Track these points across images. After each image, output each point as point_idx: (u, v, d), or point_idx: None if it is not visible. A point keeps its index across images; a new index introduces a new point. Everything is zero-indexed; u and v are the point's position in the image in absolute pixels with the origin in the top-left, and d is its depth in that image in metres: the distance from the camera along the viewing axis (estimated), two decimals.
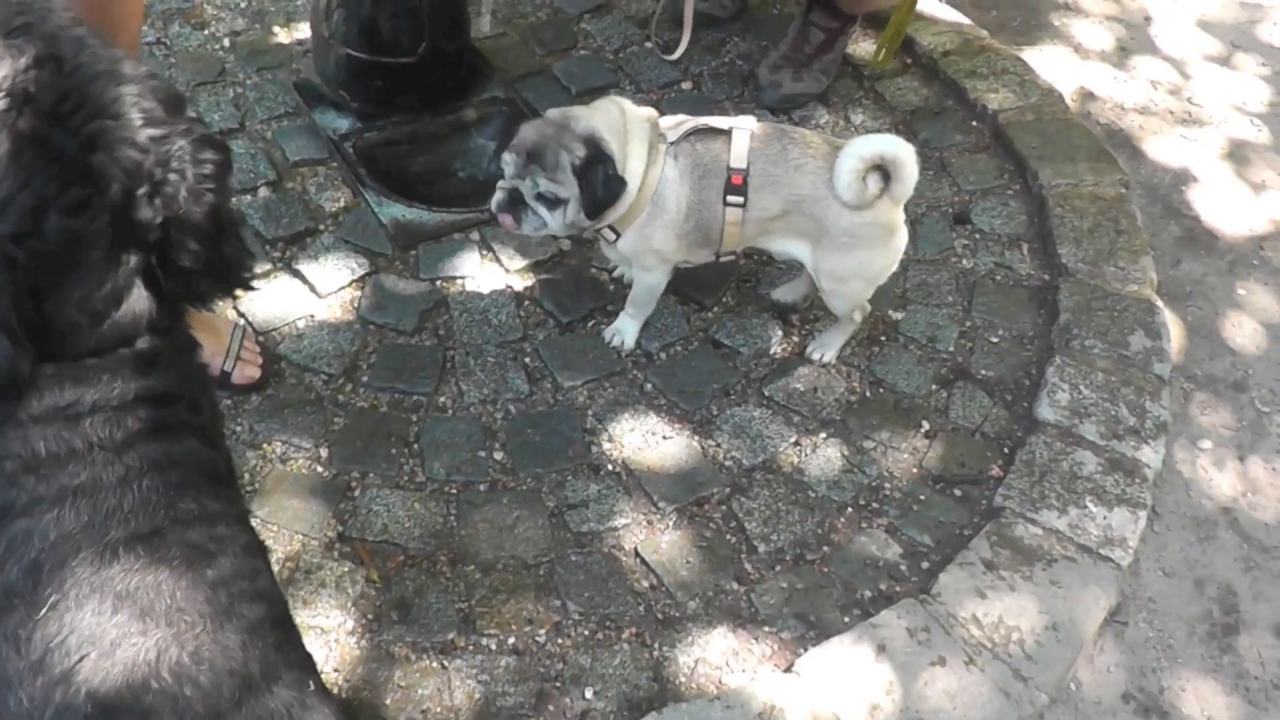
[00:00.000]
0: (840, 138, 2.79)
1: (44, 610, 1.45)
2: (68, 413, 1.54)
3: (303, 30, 3.72)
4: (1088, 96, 4.07)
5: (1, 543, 1.48)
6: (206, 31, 3.71)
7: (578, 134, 2.59)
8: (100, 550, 1.49)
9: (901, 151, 2.60)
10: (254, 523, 2.46)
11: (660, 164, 2.68)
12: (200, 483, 1.64)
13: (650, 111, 2.76)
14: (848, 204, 2.64)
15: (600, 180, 2.59)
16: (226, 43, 3.69)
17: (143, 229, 1.55)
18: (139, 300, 1.61)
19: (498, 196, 2.69)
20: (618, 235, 2.77)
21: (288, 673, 1.57)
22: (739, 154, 2.69)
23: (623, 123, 2.67)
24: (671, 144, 2.70)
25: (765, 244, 2.85)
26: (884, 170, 2.62)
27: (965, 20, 4.11)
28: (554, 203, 2.62)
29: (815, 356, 3.01)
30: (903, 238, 2.79)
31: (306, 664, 1.68)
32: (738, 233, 2.76)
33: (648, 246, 2.78)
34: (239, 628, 1.53)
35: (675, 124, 2.74)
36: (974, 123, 3.77)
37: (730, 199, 2.69)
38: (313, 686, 1.61)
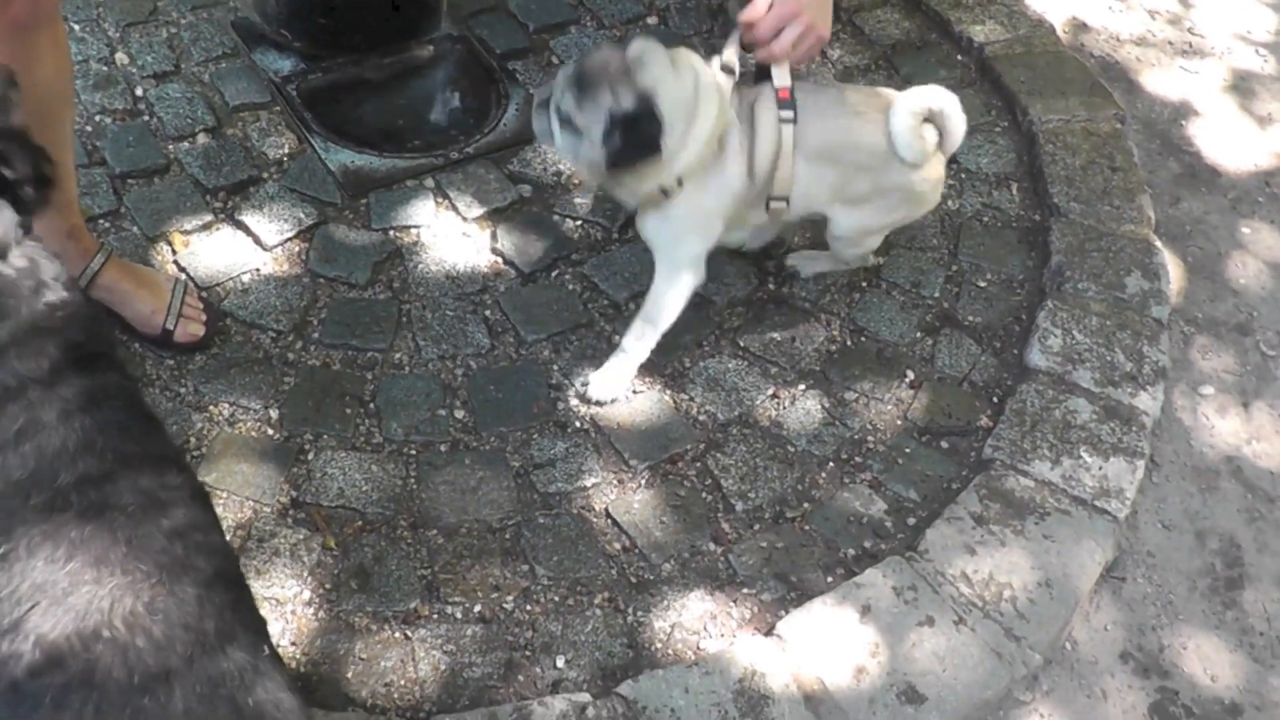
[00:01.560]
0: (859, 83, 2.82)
1: None
2: None
3: None
4: (1080, 27, 4.11)
5: None
6: None
7: (638, 85, 2.52)
8: (51, 497, 1.53)
9: (948, 103, 2.69)
10: None
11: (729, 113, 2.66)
12: (135, 421, 1.69)
13: (722, 76, 2.69)
14: (909, 162, 2.71)
15: (633, 136, 2.53)
16: None
17: None
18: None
19: (535, 103, 2.71)
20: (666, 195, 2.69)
21: (243, 634, 1.62)
22: (780, 74, 2.68)
23: (694, 91, 2.60)
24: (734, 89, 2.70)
25: (814, 208, 2.86)
26: (934, 122, 2.71)
27: None
28: (572, 130, 2.59)
29: (790, 263, 3.09)
30: (939, 191, 2.89)
31: (260, 627, 1.72)
32: (789, 166, 2.70)
33: (699, 212, 2.73)
34: (195, 581, 1.58)
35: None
36: (959, 57, 3.81)
37: (782, 114, 2.66)
38: (266, 651, 1.66)
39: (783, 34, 2.66)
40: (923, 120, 2.69)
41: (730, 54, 2.71)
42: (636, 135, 2.53)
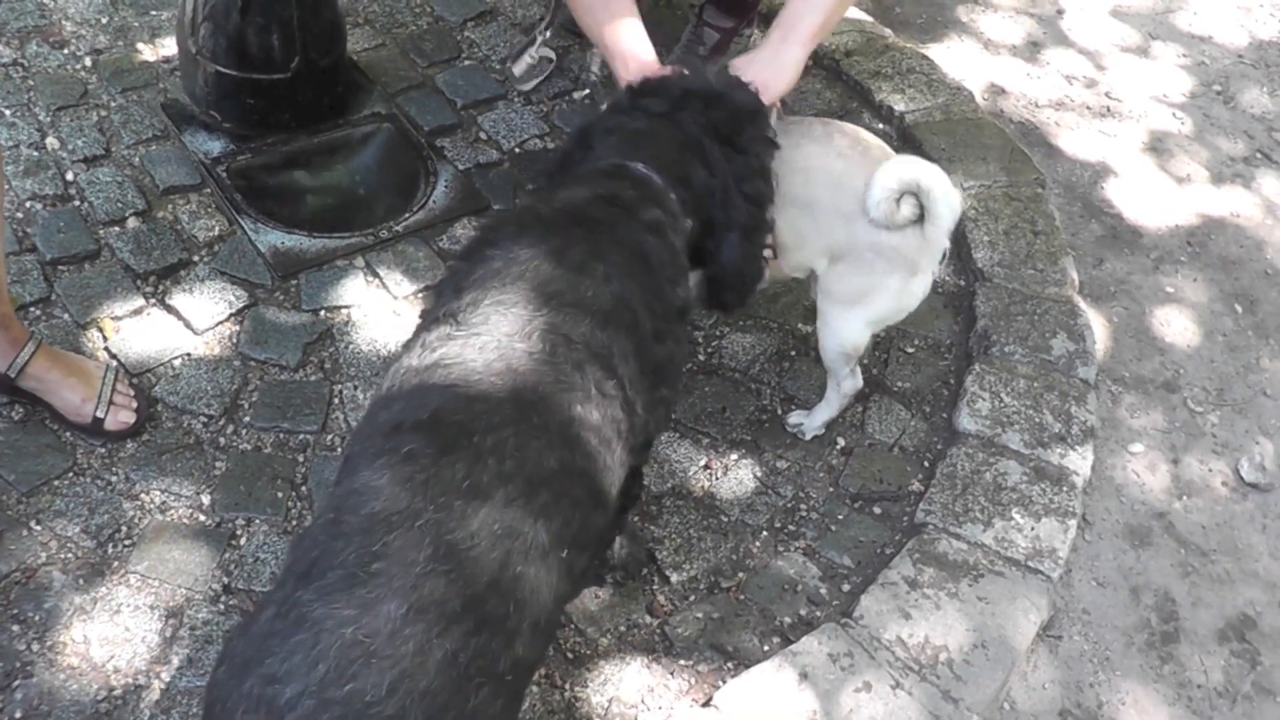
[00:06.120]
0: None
1: None
2: None
3: (169, 46, 3.71)
4: (999, 93, 4.17)
5: None
6: (66, 50, 3.69)
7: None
8: None
9: (937, 187, 2.50)
10: (133, 579, 2.47)
11: None
12: None
13: None
14: (875, 222, 2.55)
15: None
16: (88, 62, 3.67)
17: None
18: None
19: None
20: None
21: None
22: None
23: None
24: None
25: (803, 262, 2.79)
26: (918, 197, 2.54)
27: (867, 18, 4.20)
28: None
29: (792, 421, 3.01)
30: (921, 285, 2.69)
31: None
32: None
33: None
34: None
35: None
36: (881, 125, 3.85)
37: None
38: None
39: None
40: (906, 190, 2.51)
41: None
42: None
